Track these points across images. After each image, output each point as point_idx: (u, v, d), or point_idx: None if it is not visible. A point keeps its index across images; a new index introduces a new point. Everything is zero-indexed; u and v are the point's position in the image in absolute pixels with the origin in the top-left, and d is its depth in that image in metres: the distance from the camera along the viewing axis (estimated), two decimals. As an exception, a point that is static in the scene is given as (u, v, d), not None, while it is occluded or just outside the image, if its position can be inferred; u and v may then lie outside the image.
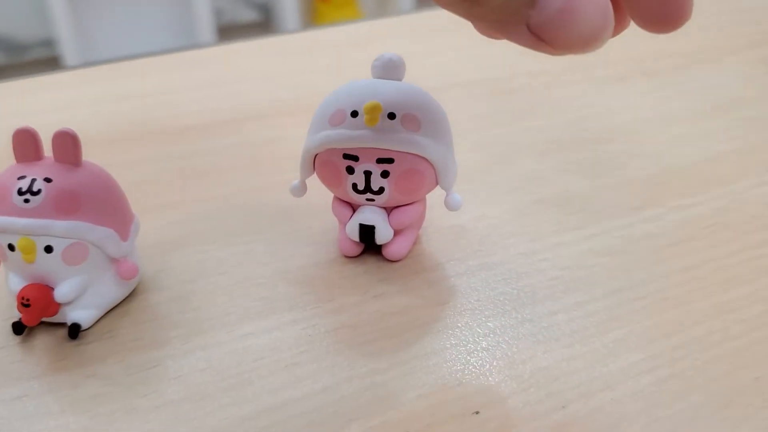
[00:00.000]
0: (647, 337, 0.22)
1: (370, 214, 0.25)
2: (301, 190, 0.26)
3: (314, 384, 0.21)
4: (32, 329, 0.23)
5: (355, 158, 0.23)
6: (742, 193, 0.29)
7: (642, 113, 0.36)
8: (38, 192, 0.21)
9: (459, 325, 0.23)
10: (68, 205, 0.21)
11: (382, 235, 0.25)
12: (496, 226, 0.27)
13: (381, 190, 0.24)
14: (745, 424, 0.19)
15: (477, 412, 0.20)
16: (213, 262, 0.26)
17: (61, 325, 0.23)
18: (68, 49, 1.43)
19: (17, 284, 0.22)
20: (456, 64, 0.43)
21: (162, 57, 0.44)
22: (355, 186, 0.24)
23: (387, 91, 0.24)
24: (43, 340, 0.22)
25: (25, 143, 0.22)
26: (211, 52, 0.45)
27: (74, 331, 0.22)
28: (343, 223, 0.25)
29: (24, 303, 0.21)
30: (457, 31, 0.49)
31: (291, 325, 0.23)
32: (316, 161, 0.25)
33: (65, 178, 0.22)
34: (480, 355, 0.22)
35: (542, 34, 0.17)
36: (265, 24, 1.72)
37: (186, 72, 0.42)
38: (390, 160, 0.23)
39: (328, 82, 0.40)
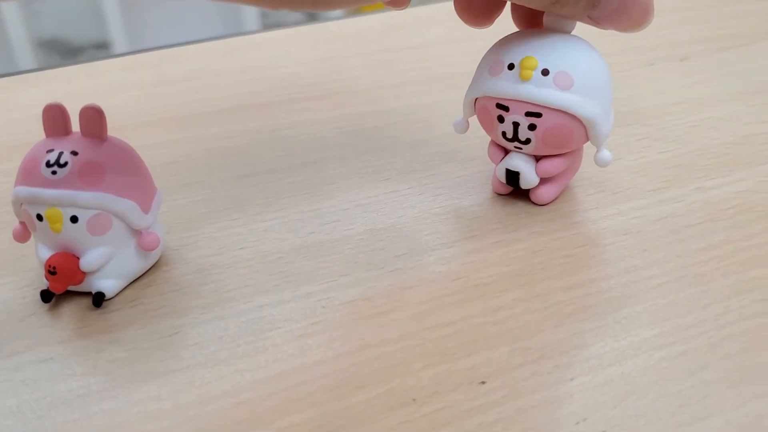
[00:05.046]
0: (661, 314, 0.22)
1: (517, 161, 0.26)
2: (462, 125, 0.28)
3: (325, 352, 0.21)
4: (60, 298, 0.24)
5: (506, 108, 0.25)
6: (768, 176, 0.29)
7: (669, 98, 0.35)
8: (65, 164, 0.22)
9: (471, 298, 0.23)
10: (93, 176, 0.22)
11: (527, 181, 0.26)
12: (513, 205, 0.27)
13: (528, 141, 0.25)
14: (754, 402, 0.19)
15: (483, 382, 0.20)
16: (234, 237, 0.26)
17: (88, 294, 0.24)
18: (121, 51, 1.47)
19: (45, 253, 0.23)
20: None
21: (199, 45, 0.45)
22: (504, 134, 0.25)
23: (546, 46, 0.24)
24: (70, 308, 0.23)
25: (54, 118, 0.23)
26: (247, 40, 0.46)
27: (98, 299, 0.23)
28: (495, 165, 0.27)
29: (50, 271, 0.22)
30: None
31: (306, 298, 0.23)
32: (477, 104, 0.26)
33: (91, 151, 0.23)
34: (490, 328, 0.22)
35: (598, 23, 0.24)
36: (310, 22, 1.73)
37: (221, 59, 0.43)
38: (538, 114, 0.24)
39: (358, 67, 0.40)
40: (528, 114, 0.24)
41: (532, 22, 0.26)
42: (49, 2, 1.51)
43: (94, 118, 0.23)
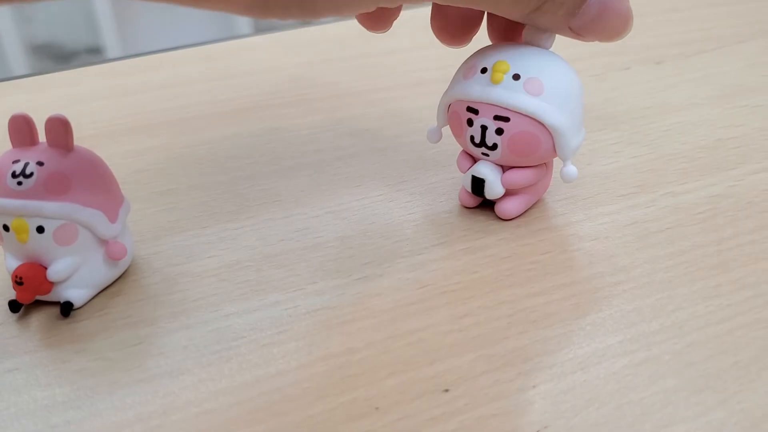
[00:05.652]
0: (626, 320, 0.22)
1: (484, 168, 0.26)
2: (436, 135, 0.28)
3: (289, 362, 0.21)
4: (29, 308, 0.24)
5: (476, 111, 0.25)
6: (739, 180, 0.29)
7: (642, 102, 0.35)
8: (30, 175, 0.22)
9: (438, 305, 0.23)
10: (58, 187, 0.22)
11: (492, 191, 0.26)
12: (482, 212, 0.28)
13: (495, 146, 0.25)
14: (717, 408, 0.19)
15: (446, 390, 0.20)
16: (203, 246, 0.26)
17: (57, 303, 0.24)
18: (114, 56, 1.46)
19: (13, 264, 0.23)
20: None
21: (172, 52, 0.45)
22: (472, 138, 0.25)
23: (520, 54, 0.25)
24: (38, 318, 0.23)
25: (20, 129, 0.23)
26: (221, 47, 0.46)
27: (66, 309, 0.23)
28: (463, 174, 0.27)
29: (17, 281, 0.23)
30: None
31: (273, 307, 0.23)
32: (449, 109, 0.26)
33: (56, 162, 0.23)
34: (455, 335, 0.22)
35: (578, 34, 0.24)
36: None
37: (196, 65, 0.43)
38: (506, 119, 0.24)
39: (332, 73, 0.41)
40: (496, 118, 0.25)
41: (508, 39, 0.27)
42: (42, 7, 1.50)
43: (59, 128, 0.23)
